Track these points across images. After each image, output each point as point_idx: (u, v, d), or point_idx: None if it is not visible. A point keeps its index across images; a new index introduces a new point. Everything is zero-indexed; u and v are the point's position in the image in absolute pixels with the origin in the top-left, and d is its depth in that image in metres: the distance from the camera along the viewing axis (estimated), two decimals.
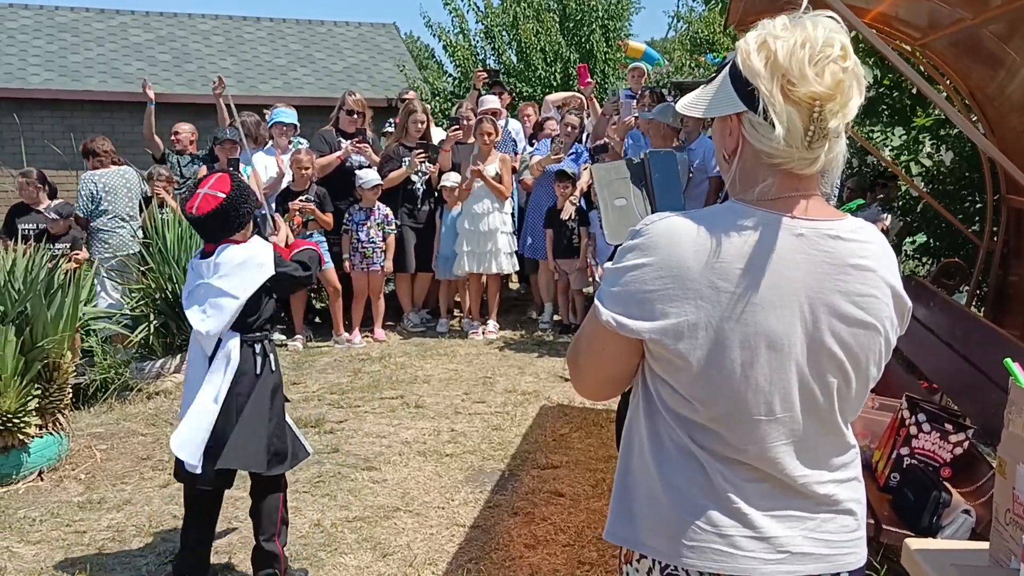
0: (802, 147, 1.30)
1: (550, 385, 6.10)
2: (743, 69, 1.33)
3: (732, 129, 1.40)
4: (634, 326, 1.36)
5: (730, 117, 1.39)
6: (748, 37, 1.35)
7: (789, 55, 1.28)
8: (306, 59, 15.95)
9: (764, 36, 1.33)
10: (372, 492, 4.28)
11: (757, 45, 1.33)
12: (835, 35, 1.30)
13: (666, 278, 1.33)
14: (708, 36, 14.74)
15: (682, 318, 1.33)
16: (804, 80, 1.27)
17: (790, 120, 1.28)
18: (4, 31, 14.60)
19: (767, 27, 1.34)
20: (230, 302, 3.23)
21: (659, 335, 1.35)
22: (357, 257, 7.16)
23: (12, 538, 3.82)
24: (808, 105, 1.28)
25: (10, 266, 4.72)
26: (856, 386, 1.39)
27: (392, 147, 7.51)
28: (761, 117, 1.31)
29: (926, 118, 6.53)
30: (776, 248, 1.32)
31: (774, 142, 1.30)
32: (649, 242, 1.36)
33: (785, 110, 1.28)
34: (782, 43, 1.30)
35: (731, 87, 1.37)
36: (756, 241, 1.32)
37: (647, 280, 1.35)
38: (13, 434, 4.40)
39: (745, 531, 1.38)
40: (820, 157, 1.32)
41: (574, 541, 3.74)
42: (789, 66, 1.28)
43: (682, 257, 1.33)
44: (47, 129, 13.19)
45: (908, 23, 4.70)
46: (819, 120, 1.28)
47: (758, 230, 1.33)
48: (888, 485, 3.23)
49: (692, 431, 1.39)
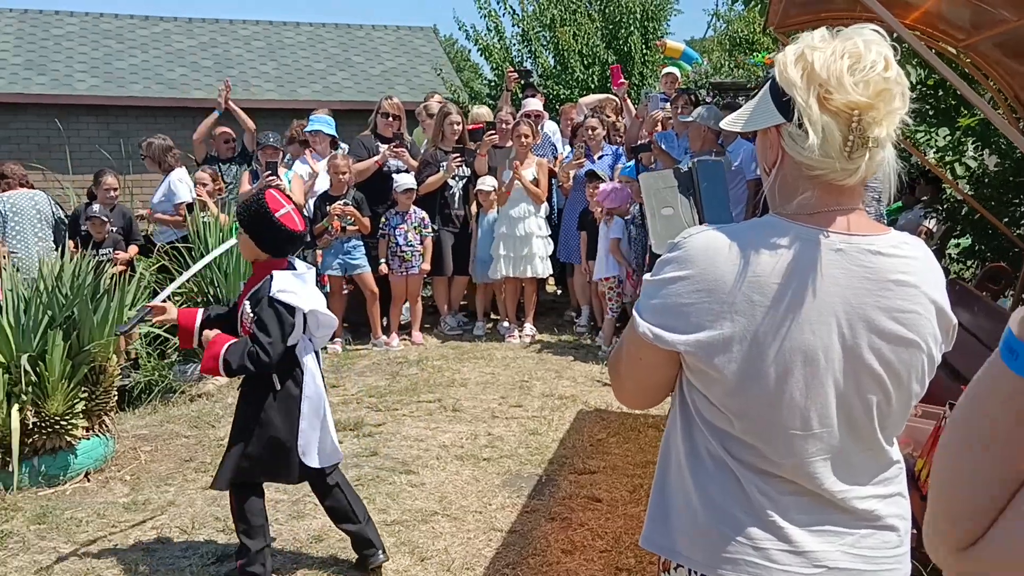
0: (841, 157, 1.29)
1: (587, 389, 6.09)
2: (780, 81, 1.34)
3: (772, 142, 1.40)
4: (670, 338, 1.37)
5: (770, 130, 1.40)
6: (787, 50, 1.36)
7: (826, 65, 1.29)
8: (345, 63, 16.09)
9: (802, 48, 1.33)
10: (410, 496, 4.31)
11: (795, 57, 1.33)
12: (876, 46, 1.30)
13: (702, 292, 1.34)
14: (748, 36, 14.61)
15: (718, 332, 1.33)
16: (842, 89, 1.27)
17: (827, 130, 1.28)
18: (51, 38, 14.93)
19: (806, 39, 1.34)
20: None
21: (695, 348, 1.35)
22: (395, 261, 7.21)
23: (59, 539, 3.90)
24: (847, 115, 1.27)
25: (58, 272, 4.83)
26: (897, 403, 1.38)
27: (430, 151, 7.55)
28: (797, 128, 1.31)
29: (971, 118, 6.41)
30: (813, 263, 1.32)
31: (809, 152, 1.30)
32: (686, 255, 1.37)
33: (821, 120, 1.28)
34: (819, 54, 1.30)
35: (771, 100, 1.38)
36: (793, 256, 1.32)
37: (684, 293, 1.35)
38: (60, 436, 4.51)
39: (781, 545, 1.37)
40: (860, 168, 1.31)
41: (611, 547, 3.74)
42: (827, 76, 1.28)
43: (719, 271, 1.33)
44: (93, 135, 13.48)
45: (951, 24, 4.63)
46: (858, 130, 1.27)
47: (795, 245, 1.33)
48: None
49: (728, 443, 1.40)
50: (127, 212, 7.27)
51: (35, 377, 4.39)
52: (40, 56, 14.36)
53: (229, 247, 3.98)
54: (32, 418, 4.38)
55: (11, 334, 4.41)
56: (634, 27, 13.63)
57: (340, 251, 7.02)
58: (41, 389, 4.42)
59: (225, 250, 4.01)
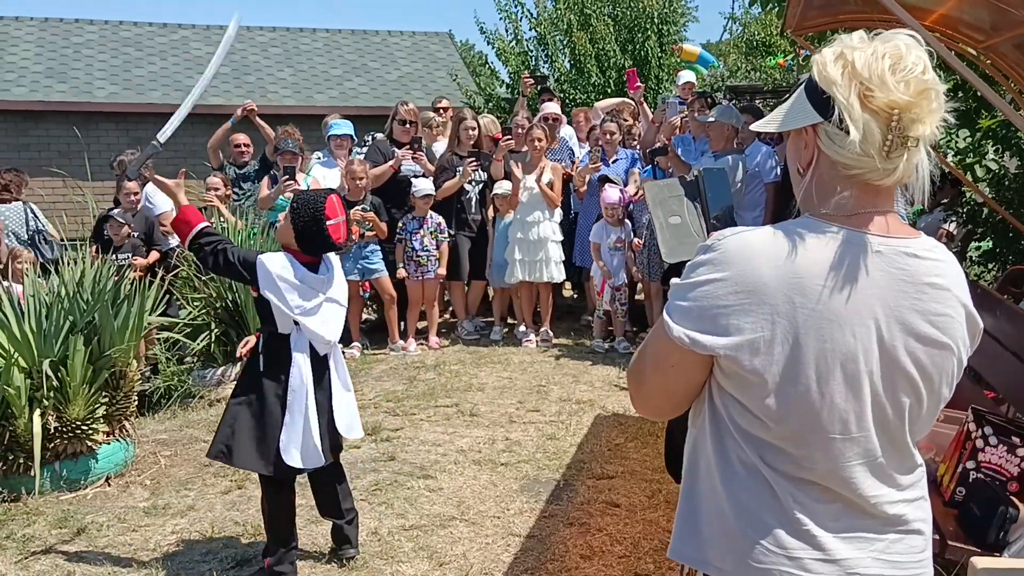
0: (880, 156, 1.28)
1: (605, 394, 6.08)
2: (819, 79, 1.33)
3: (807, 142, 1.39)
4: (708, 342, 1.34)
5: (805, 130, 1.38)
6: (824, 51, 1.35)
7: (868, 64, 1.28)
8: (361, 69, 16.18)
9: (841, 48, 1.33)
10: (428, 500, 4.31)
11: (834, 56, 1.33)
12: (916, 50, 1.30)
13: (741, 293, 1.32)
14: (764, 39, 14.57)
15: (758, 333, 1.31)
16: (884, 87, 1.27)
17: (867, 127, 1.27)
18: (71, 46, 15.08)
19: (844, 41, 1.34)
20: (342, 311, 3.53)
21: (734, 351, 1.33)
22: (412, 266, 7.22)
23: (80, 543, 3.93)
24: (887, 114, 1.27)
25: (79, 277, 4.87)
26: (927, 406, 1.37)
27: (446, 156, 7.57)
28: (836, 127, 1.31)
29: (991, 120, 6.36)
30: (855, 265, 1.31)
31: (849, 149, 1.29)
32: (722, 257, 1.35)
33: (862, 117, 1.27)
34: (860, 53, 1.30)
35: (806, 100, 1.37)
36: (835, 257, 1.31)
37: (721, 295, 1.33)
38: (82, 441, 4.54)
39: (815, 553, 1.36)
40: (898, 168, 1.30)
41: (630, 552, 3.72)
42: (868, 75, 1.28)
43: (758, 271, 1.32)
44: (112, 142, 13.60)
45: (971, 26, 4.59)
46: (898, 129, 1.27)
47: (837, 246, 1.32)
48: (954, 500, 3.15)
49: (761, 450, 1.38)
50: (150, 217, 7.32)
51: (56, 382, 4.42)
52: (60, 64, 14.51)
53: (232, 34, 3.88)
54: (53, 423, 4.42)
55: (33, 339, 4.45)
56: (650, 31, 13.61)
57: (358, 256, 7.04)
58: (62, 394, 4.45)
59: (227, 47, 3.84)
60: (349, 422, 3.58)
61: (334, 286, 3.47)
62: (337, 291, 3.48)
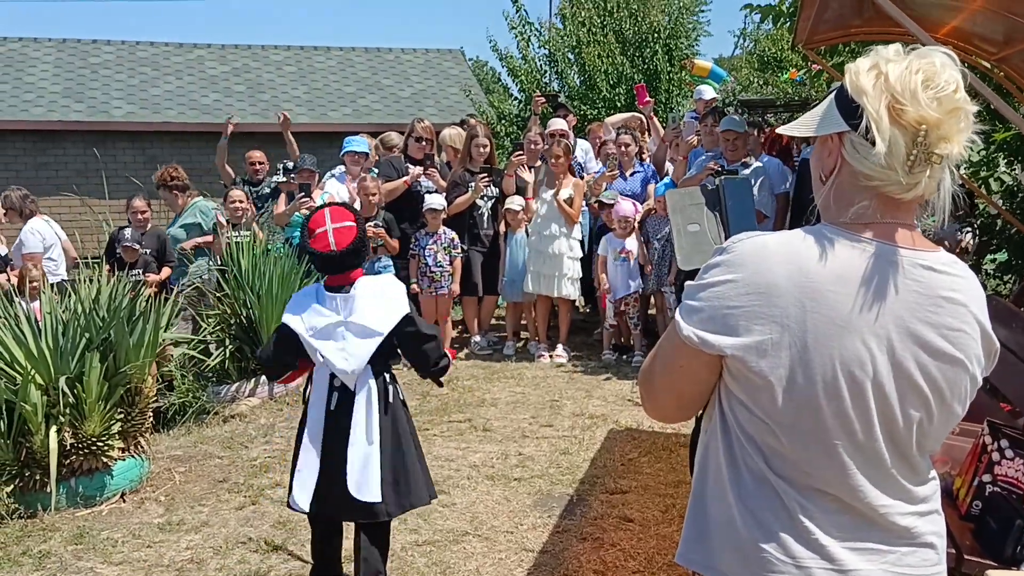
0: (903, 170, 1.28)
1: (618, 409, 6.07)
2: (850, 88, 1.34)
3: (832, 149, 1.39)
4: (716, 342, 1.35)
5: (831, 137, 1.39)
6: (859, 61, 1.36)
7: (901, 78, 1.29)
8: (374, 86, 16.28)
9: (876, 60, 1.33)
10: (441, 516, 4.31)
11: (868, 67, 1.34)
12: (950, 69, 1.30)
13: (752, 295, 1.32)
14: (775, 54, 14.58)
15: (766, 336, 1.32)
16: (915, 103, 1.27)
17: (893, 140, 1.28)
18: (88, 66, 15.25)
19: (880, 53, 1.34)
20: (374, 339, 3.19)
21: (742, 352, 1.33)
22: (425, 281, 7.24)
23: (96, 559, 3.95)
24: (914, 129, 1.27)
25: (95, 294, 4.91)
26: (937, 421, 1.37)
27: (458, 172, 7.60)
28: (862, 136, 1.31)
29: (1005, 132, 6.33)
30: (869, 274, 1.31)
31: (873, 160, 1.30)
32: (736, 259, 1.36)
33: (889, 130, 1.28)
34: (894, 66, 1.30)
35: (835, 108, 1.38)
36: (848, 265, 1.32)
37: (732, 296, 1.34)
38: (97, 457, 4.57)
39: (823, 563, 1.35)
40: (920, 183, 1.30)
41: (644, 568, 3.71)
42: (900, 88, 1.28)
43: (771, 275, 1.32)
44: (129, 160, 13.74)
45: (984, 38, 4.59)
46: (923, 145, 1.27)
47: (851, 254, 1.32)
48: (969, 513, 3.12)
49: (769, 458, 1.38)
50: (161, 234, 7.38)
51: (72, 399, 4.46)
52: (78, 84, 14.67)
53: None
54: (69, 439, 4.45)
55: (50, 356, 4.48)
56: (658, 45, 13.63)
57: (370, 271, 7.05)
58: (78, 411, 4.48)
59: None
60: (360, 480, 3.14)
61: (356, 312, 3.19)
62: (363, 317, 3.19)
